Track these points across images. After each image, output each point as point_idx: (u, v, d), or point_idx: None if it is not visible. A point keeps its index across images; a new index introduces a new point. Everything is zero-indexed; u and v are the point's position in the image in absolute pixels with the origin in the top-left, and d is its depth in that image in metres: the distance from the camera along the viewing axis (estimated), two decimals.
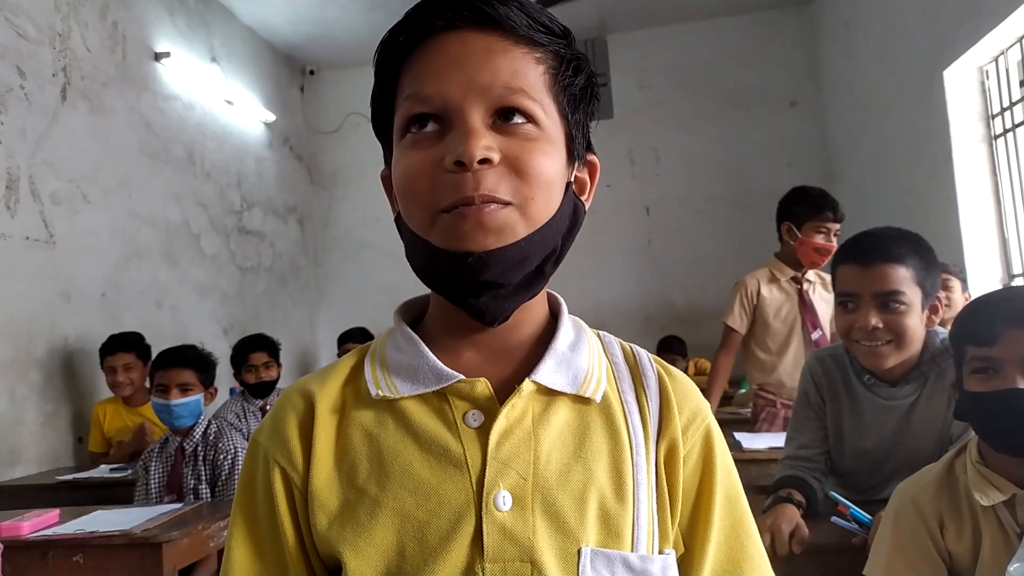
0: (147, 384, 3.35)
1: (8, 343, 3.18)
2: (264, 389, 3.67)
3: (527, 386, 0.63)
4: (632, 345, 0.73)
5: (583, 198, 0.68)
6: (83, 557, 1.94)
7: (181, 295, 4.40)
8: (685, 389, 0.70)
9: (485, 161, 0.59)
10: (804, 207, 2.86)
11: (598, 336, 0.73)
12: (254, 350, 3.73)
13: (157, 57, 4.33)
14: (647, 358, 0.71)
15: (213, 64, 4.91)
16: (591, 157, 0.70)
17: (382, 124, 0.67)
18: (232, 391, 3.81)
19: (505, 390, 0.64)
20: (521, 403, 0.64)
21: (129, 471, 2.92)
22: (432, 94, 0.60)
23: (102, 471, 3.10)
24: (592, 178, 0.70)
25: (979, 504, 1.18)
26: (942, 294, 1.66)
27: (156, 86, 4.33)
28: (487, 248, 0.59)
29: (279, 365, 3.80)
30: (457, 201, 0.59)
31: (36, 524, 2.01)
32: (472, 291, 0.61)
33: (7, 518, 2.03)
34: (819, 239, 2.80)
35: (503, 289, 0.62)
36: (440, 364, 0.64)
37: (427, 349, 0.65)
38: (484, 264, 0.59)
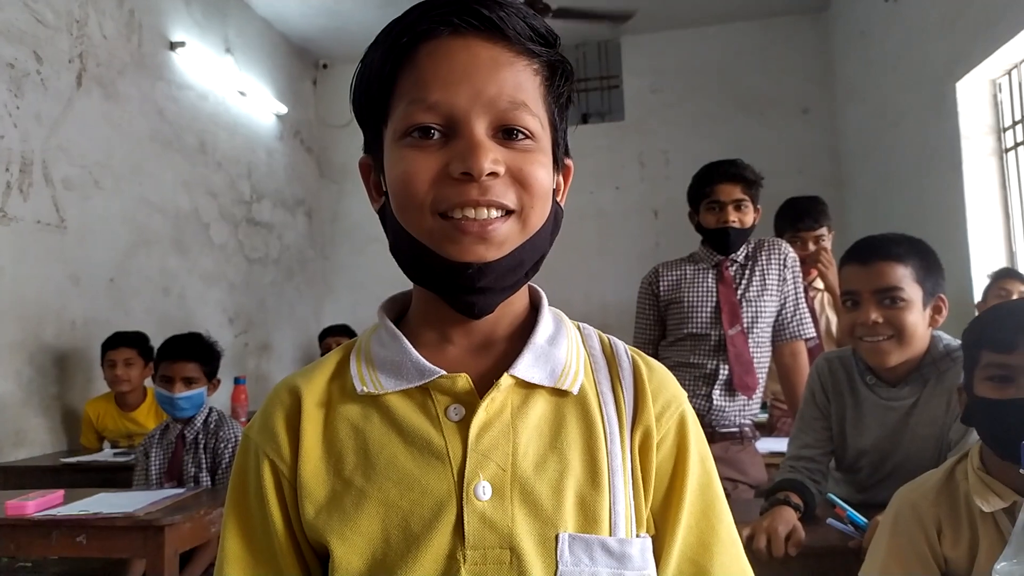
0: (145, 384, 3.36)
1: (16, 325, 3.20)
2: None
3: (505, 380, 0.66)
4: (610, 337, 0.76)
5: (558, 199, 0.71)
6: (86, 537, 1.96)
7: (189, 283, 4.42)
8: (661, 378, 0.72)
9: (491, 174, 0.62)
10: (780, 219, 2.90)
11: (578, 328, 0.75)
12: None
13: (172, 46, 4.36)
14: (624, 349, 0.74)
15: (227, 55, 4.93)
16: (568, 161, 0.73)
17: (371, 113, 0.68)
18: (237, 380, 3.82)
19: (485, 383, 0.66)
20: (500, 396, 0.66)
21: (132, 456, 2.93)
22: (439, 102, 0.62)
23: (106, 455, 3.13)
24: (566, 180, 0.74)
25: (978, 510, 1.19)
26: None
27: (170, 75, 4.35)
28: (486, 260, 0.63)
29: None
30: (459, 203, 0.61)
31: (41, 504, 2.03)
32: (465, 291, 0.65)
33: (12, 497, 2.05)
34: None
35: (493, 290, 0.65)
36: (422, 360, 0.66)
37: (409, 345, 0.68)
38: (482, 274, 0.63)
